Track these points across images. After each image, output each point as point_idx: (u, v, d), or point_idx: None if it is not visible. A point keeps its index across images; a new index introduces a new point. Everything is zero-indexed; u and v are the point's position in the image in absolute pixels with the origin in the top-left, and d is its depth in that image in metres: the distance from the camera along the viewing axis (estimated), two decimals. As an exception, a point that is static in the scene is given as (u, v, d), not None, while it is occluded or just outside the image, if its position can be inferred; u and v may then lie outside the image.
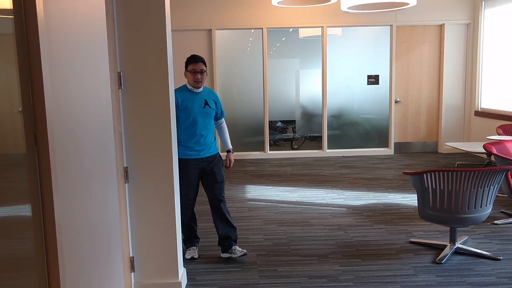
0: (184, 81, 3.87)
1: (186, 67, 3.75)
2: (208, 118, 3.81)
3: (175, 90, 3.69)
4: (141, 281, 3.26)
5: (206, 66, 3.76)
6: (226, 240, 3.87)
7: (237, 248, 3.84)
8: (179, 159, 3.71)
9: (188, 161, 3.77)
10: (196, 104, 3.74)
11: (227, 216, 3.88)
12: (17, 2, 1.55)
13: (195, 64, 3.70)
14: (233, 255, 3.81)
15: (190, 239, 3.98)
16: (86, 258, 2.00)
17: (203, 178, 3.87)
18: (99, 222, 2.20)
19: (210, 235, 4.38)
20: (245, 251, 3.83)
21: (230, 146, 4.06)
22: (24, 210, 1.64)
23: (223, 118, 4.06)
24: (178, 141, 3.74)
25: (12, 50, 1.58)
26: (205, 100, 3.79)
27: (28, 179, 1.62)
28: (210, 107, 3.81)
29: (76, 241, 1.89)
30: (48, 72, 1.65)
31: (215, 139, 3.92)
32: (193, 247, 3.96)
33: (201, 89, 3.80)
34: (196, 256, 3.89)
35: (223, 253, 3.88)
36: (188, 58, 3.76)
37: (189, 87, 3.77)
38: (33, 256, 1.66)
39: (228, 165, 4.03)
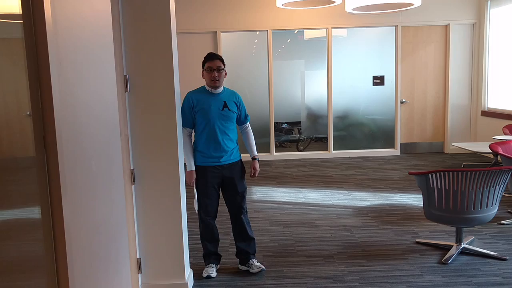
0: (201, 83, 3.62)
1: (203, 65, 3.50)
2: (227, 122, 3.50)
3: (191, 91, 3.55)
4: (148, 282, 3.29)
5: (224, 64, 3.50)
6: (244, 254, 3.69)
7: (255, 262, 3.66)
8: (197, 167, 3.53)
9: (206, 168, 3.51)
10: (213, 106, 3.46)
11: (247, 228, 3.66)
12: (26, 7, 1.58)
13: (211, 61, 3.45)
14: (251, 270, 3.64)
15: (209, 256, 3.68)
16: (94, 259, 2.02)
17: (223, 188, 3.60)
18: (107, 223, 2.22)
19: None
20: (263, 267, 3.64)
21: (256, 153, 3.71)
22: (34, 212, 1.66)
23: (248, 123, 3.74)
24: (195, 147, 3.55)
25: (21, 54, 1.61)
26: (225, 102, 3.49)
27: (38, 182, 1.65)
28: (230, 109, 3.50)
29: (84, 243, 1.91)
30: (56, 76, 1.68)
31: (237, 144, 3.62)
32: (212, 265, 3.65)
33: (220, 90, 3.52)
34: (213, 274, 3.59)
35: (240, 265, 3.74)
36: (204, 57, 3.52)
37: (207, 88, 3.51)
38: (42, 257, 1.69)
39: (252, 174, 3.70)
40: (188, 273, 3.42)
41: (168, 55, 3.07)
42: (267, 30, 8.03)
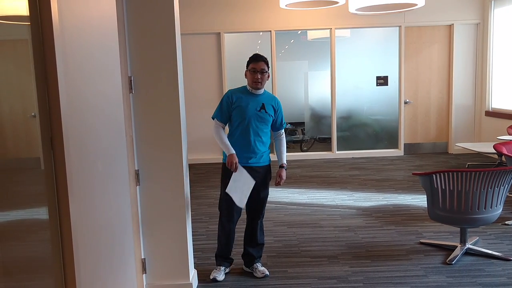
0: (241, 82, 3.53)
1: (247, 66, 3.46)
2: (262, 124, 3.45)
3: (233, 89, 3.53)
4: (152, 282, 3.30)
5: (268, 66, 3.45)
6: (249, 257, 3.67)
7: (259, 267, 3.64)
8: (223, 164, 3.49)
9: None
10: (250, 105, 3.41)
11: (258, 233, 3.63)
12: (33, 9, 1.60)
13: (256, 63, 3.41)
14: (254, 274, 3.62)
15: (221, 258, 3.63)
16: (100, 259, 2.04)
17: None
18: (112, 224, 2.24)
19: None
20: (267, 272, 3.61)
21: (285, 162, 3.60)
22: (41, 212, 1.68)
23: (283, 130, 3.63)
24: None
25: (28, 56, 1.62)
26: (263, 103, 3.45)
27: (45, 182, 1.66)
28: (266, 112, 3.45)
29: (91, 243, 1.93)
30: (63, 77, 1.69)
31: (268, 149, 3.56)
32: (221, 267, 3.61)
33: (260, 92, 3.47)
34: (219, 278, 3.55)
35: (245, 266, 3.73)
36: (250, 57, 3.47)
37: (248, 88, 3.47)
38: (50, 257, 1.70)
39: (278, 182, 3.57)
40: (193, 274, 3.43)
41: (172, 56, 3.09)
42: (270, 31, 8.04)
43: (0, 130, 1.51)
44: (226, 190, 3.42)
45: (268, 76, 3.49)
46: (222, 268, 3.61)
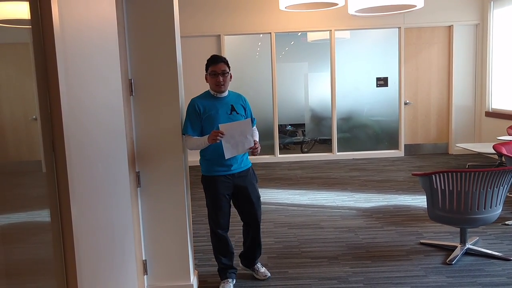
0: (205, 87, 3.36)
1: (207, 69, 3.28)
2: None
3: (196, 97, 3.32)
4: (153, 283, 3.31)
5: (229, 67, 3.28)
6: (250, 259, 3.62)
7: (260, 269, 3.61)
8: (204, 177, 3.33)
9: (215, 178, 3.27)
10: (221, 111, 3.23)
11: (259, 238, 3.55)
12: (34, 13, 1.61)
13: (215, 65, 3.22)
14: (256, 276, 3.59)
15: (224, 270, 3.48)
16: (101, 261, 2.05)
17: (235, 198, 3.38)
18: (113, 226, 2.25)
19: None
20: (269, 274, 3.59)
21: (256, 139, 3.36)
22: (43, 215, 1.69)
23: (255, 126, 3.46)
24: (203, 155, 3.31)
25: (29, 59, 1.64)
26: (232, 105, 3.28)
27: (47, 185, 1.68)
28: (238, 113, 3.28)
29: (92, 245, 1.94)
30: (64, 80, 1.71)
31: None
32: (229, 279, 3.45)
33: (225, 94, 3.31)
34: None
35: (244, 266, 3.68)
36: (208, 60, 3.29)
37: (212, 92, 3.29)
38: (52, 259, 1.71)
39: (253, 152, 3.24)
40: (194, 275, 3.44)
41: (172, 59, 3.10)
42: (270, 33, 8.06)
43: (2, 133, 1.52)
44: (226, 157, 3.14)
45: (231, 77, 3.32)
46: (230, 280, 3.47)
